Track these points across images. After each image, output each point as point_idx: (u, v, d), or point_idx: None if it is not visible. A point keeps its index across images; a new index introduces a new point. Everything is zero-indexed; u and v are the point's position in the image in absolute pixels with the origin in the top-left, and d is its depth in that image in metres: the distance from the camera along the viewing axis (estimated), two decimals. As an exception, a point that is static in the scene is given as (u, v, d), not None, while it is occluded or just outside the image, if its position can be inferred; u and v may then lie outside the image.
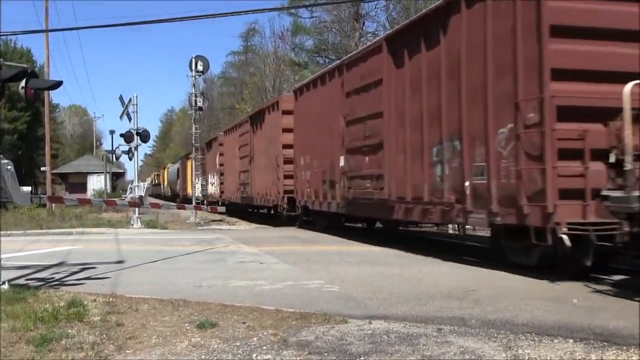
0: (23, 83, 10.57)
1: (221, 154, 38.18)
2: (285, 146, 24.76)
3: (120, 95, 31.10)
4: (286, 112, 24.89)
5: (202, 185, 43.83)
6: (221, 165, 38.20)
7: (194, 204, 31.65)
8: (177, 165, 53.83)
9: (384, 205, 15.78)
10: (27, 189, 11.95)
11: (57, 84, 11.63)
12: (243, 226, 29.92)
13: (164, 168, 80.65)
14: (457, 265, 12.74)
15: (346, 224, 23.22)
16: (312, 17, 51.33)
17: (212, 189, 41.77)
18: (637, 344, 6.39)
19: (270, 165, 26.50)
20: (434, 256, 14.10)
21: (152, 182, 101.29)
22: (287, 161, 24.54)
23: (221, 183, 38.44)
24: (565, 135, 9.99)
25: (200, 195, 43.00)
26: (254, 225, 29.75)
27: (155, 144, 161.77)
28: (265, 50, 65.56)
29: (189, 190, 44.48)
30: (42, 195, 15.62)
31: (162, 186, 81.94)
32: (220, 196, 38.24)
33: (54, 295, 9.29)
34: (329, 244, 18.23)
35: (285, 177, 24.65)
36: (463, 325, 7.34)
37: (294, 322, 7.49)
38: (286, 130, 24.72)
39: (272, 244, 18.43)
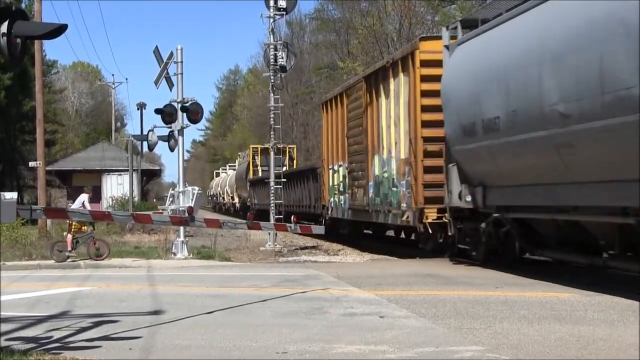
0: (4, 28, 10.77)
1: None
2: None
3: (156, 48, 30.69)
4: None
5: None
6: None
7: (272, 219, 31.85)
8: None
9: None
10: (12, 196, 12.09)
11: (58, 30, 11.81)
12: (351, 257, 30.06)
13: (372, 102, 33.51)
14: None
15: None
16: None
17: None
18: None
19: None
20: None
21: (246, 174, 72.18)
22: None
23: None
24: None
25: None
26: (367, 256, 29.89)
27: (211, 125, 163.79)
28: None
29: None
30: (34, 207, 15.88)
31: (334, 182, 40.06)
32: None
33: (52, 365, 9.51)
34: (488, 287, 18.17)
35: None
36: None
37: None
38: None
39: (398, 285, 18.58)
